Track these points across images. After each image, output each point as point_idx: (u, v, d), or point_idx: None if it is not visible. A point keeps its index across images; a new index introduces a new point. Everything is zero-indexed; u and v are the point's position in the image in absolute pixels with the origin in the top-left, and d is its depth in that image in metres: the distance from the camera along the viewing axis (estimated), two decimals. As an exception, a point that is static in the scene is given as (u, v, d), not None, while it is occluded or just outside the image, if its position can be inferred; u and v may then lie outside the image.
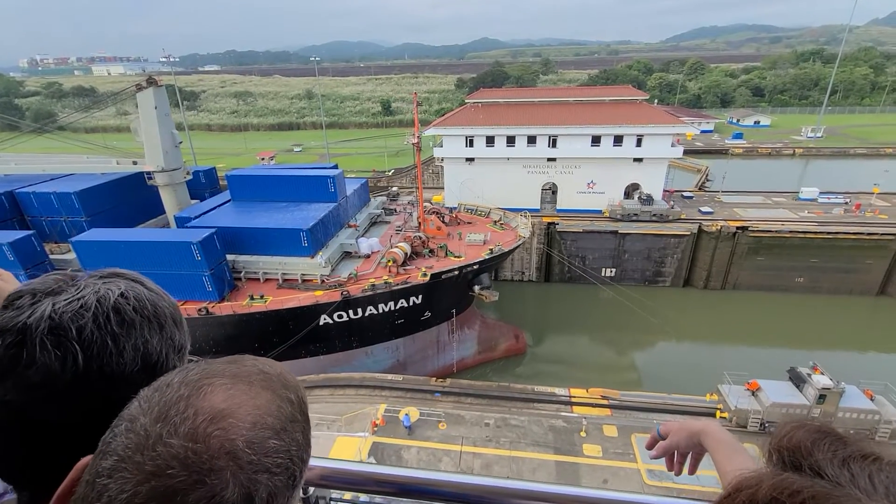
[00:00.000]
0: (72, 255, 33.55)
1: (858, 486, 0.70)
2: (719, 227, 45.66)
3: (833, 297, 45.10)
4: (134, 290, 1.25)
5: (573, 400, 27.83)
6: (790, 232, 44.92)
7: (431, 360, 36.33)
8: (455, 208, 44.43)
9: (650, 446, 1.84)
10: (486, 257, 34.32)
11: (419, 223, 39.20)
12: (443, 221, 39.98)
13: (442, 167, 54.77)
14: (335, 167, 43.46)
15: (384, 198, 49.26)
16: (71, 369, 1.08)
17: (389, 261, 32.64)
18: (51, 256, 32.65)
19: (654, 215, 46.91)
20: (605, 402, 27.57)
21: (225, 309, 29.54)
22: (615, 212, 48.05)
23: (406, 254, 33.56)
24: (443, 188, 54.63)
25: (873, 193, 52.83)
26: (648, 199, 47.78)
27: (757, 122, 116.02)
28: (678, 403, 27.41)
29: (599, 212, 50.04)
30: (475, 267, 33.94)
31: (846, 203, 50.99)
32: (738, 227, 45.49)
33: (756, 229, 45.40)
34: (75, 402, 1.10)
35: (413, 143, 37.15)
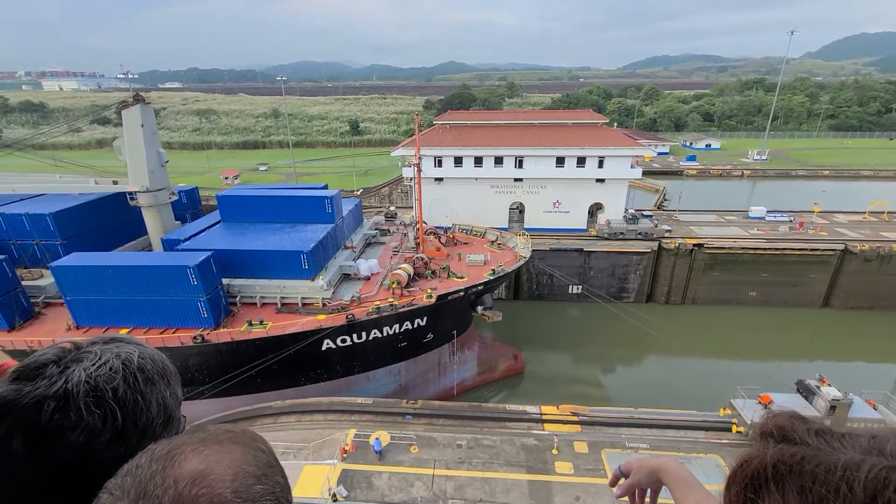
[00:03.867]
0: (45, 282, 31.79)
1: (833, 447, 0.94)
2: (677, 245, 47.79)
3: (784, 310, 47.77)
4: (147, 352, 1.40)
5: (544, 417, 27.94)
6: (742, 248, 47.51)
7: (433, 383, 35.68)
8: (450, 228, 44.30)
9: (613, 483, 1.92)
10: (491, 278, 34.18)
11: (417, 244, 38.73)
12: (439, 242, 39.80)
13: (411, 186, 55.07)
14: (325, 187, 42.76)
15: (381, 217, 48.57)
16: (111, 426, 1.21)
17: (393, 282, 31.95)
18: (23, 283, 30.49)
19: (640, 233, 48.67)
20: (575, 418, 27.83)
21: (222, 336, 27.98)
22: (602, 230, 49.54)
23: (409, 275, 33.05)
24: (412, 207, 54.81)
25: (814, 212, 56.79)
26: (634, 218, 49.68)
27: (708, 146, 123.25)
28: (689, 419, 27.41)
29: (583, 230, 51.81)
30: (480, 288, 33.79)
31: (791, 221, 54.53)
32: (694, 245, 47.76)
33: (711, 246, 47.79)
34: (114, 458, 1.19)
35: (413, 164, 37.04)
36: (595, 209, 52.67)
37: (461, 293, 32.53)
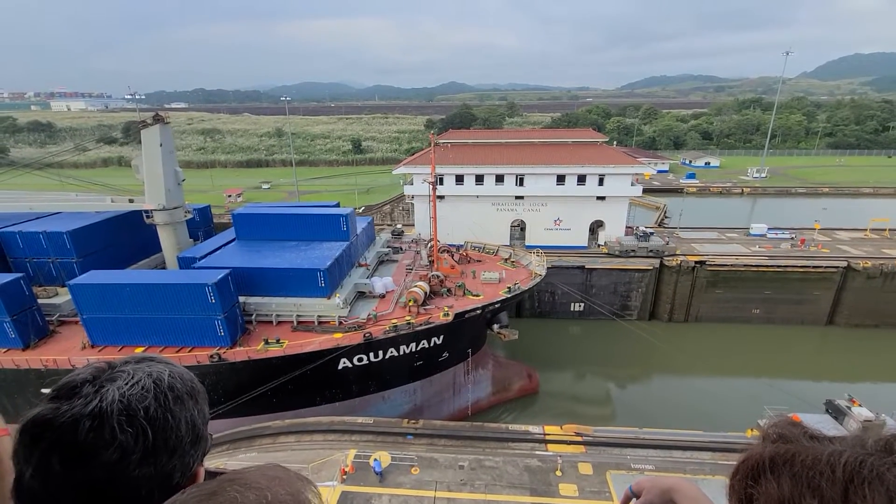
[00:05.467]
0: (60, 300, 31.82)
1: (823, 445, 1.11)
2: (679, 262, 47.67)
3: (788, 327, 47.33)
4: (177, 370, 1.42)
5: (547, 438, 27.47)
6: (744, 266, 47.38)
7: (447, 403, 35.23)
8: (462, 246, 44.27)
9: None
10: (508, 296, 34.04)
11: (431, 261, 38.70)
12: (453, 259, 39.71)
13: (412, 204, 55.40)
14: (337, 204, 43.00)
15: (388, 235, 48.81)
16: (142, 445, 1.22)
17: (410, 300, 31.87)
18: (38, 301, 30.51)
19: (651, 251, 48.60)
20: (579, 438, 27.35)
21: (239, 354, 27.73)
22: (613, 248, 49.57)
23: (425, 293, 32.99)
24: (413, 224, 55.06)
25: (815, 229, 56.81)
26: (645, 236, 49.69)
27: (707, 164, 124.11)
28: (695, 440, 26.82)
29: (584, 247, 51.89)
30: (497, 305, 33.65)
31: (792, 238, 54.51)
32: (696, 262, 47.64)
33: (713, 263, 47.66)
34: (145, 476, 1.22)
35: (429, 182, 37.43)
36: (596, 226, 52.80)
37: (478, 311, 32.36)
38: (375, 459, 24.77)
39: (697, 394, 38.22)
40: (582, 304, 48.64)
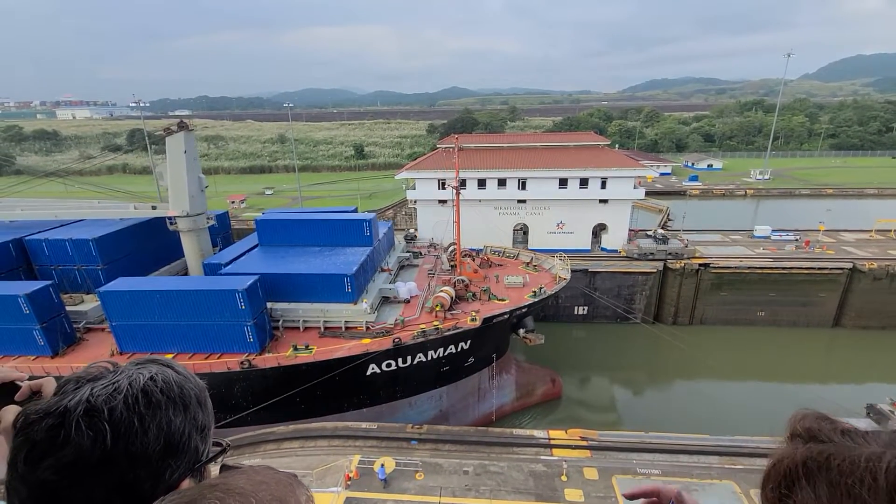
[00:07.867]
0: (87, 307, 31.91)
1: (857, 443, 1.05)
2: (683, 265, 47.49)
3: (794, 329, 46.98)
4: (163, 374, 1.34)
5: (552, 442, 27.32)
6: (748, 268, 47.13)
7: (472, 409, 35.04)
8: (482, 250, 44.13)
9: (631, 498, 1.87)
10: (534, 300, 33.89)
11: (453, 266, 38.48)
12: (475, 264, 39.51)
13: (415, 209, 55.49)
14: (355, 210, 43.00)
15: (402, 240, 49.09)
16: (100, 448, 1.16)
17: (437, 305, 31.75)
18: (66, 308, 30.67)
19: (670, 253, 48.47)
20: (584, 443, 27.17)
21: (269, 361, 27.73)
22: (632, 251, 49.46)
23: (451, 298, 32.86)
24: (416, 229, 55.08)
25: (819, 231, 56.52)
26: (664, 239, 49.56)
27: (710, 166, 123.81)
28: (702, 444, 26.37)
29: (586, 251, 51.67)
30: (524, 310, 33.52)
31: (797, 240, 54.20)
32: (700, 265, 47.44)
33: (717, 266, 47.45)
34: (100, 482, 1.16)
35: (453, 187, 37.56)
36: (599, 230, 52.70)
37: (506, 315, 32.25)
38: (380, 465, 24.67)
39: (716, 398, 37.71)
40: (585, 308, 48.44)
